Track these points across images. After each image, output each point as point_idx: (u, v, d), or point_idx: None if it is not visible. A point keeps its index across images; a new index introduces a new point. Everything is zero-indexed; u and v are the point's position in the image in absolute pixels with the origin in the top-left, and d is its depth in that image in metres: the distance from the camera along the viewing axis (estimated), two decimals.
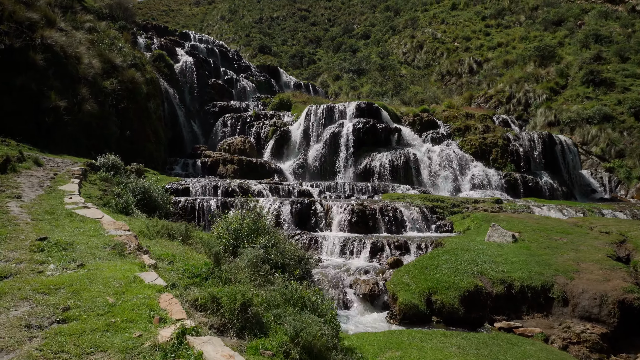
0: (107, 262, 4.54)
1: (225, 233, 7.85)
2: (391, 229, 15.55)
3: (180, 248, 6.70)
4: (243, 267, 5.42)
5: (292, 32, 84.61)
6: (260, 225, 8.14)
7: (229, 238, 7.70)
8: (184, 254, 6.06)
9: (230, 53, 42.51)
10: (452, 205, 18.22)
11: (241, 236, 7.83)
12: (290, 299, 4.67)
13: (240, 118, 30.00)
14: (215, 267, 4.98)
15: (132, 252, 5.00)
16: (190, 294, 4.15)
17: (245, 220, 8.09)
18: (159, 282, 3.90)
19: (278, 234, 8.53)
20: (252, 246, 7.55)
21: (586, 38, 45.75)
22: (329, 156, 25.85)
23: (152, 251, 5.66)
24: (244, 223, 8.01)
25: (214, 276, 4.74)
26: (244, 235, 7.85)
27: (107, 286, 3.69)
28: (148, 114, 23.33)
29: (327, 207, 16.26)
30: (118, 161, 15.86)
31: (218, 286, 4.41)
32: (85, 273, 3.94)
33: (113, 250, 4.98)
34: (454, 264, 10.17)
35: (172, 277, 4.55)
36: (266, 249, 7.47)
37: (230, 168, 23.93)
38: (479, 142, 26.25)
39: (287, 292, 4.75)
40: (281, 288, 4.84)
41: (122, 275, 3.95)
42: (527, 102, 40.68)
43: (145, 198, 13.98)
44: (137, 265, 4.50)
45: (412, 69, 55.35)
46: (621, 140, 33.25)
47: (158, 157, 23.40)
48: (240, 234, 7.83)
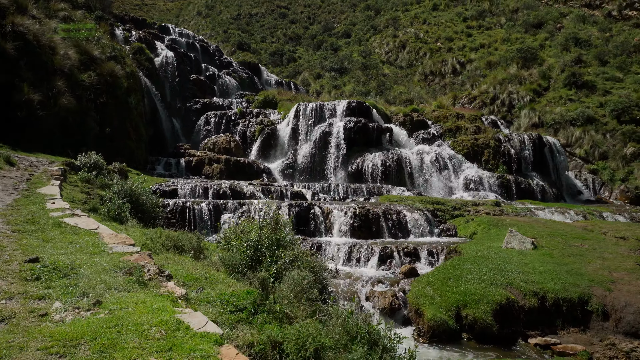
0: (127, 294, 3.50)
1: (241, 245, 6.84)
2: (395, 233, 14.77)
3: (198, 266, 5.67)
4: (288, 294, 4.46)
5: (272, 30, 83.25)
6: (281, 236, 7.15)
7: (248, 251, 6.69)
8: (208, 276, 5.06)
9: (212, 48, 41.03)
10: (453, 208, 17.62)
11: (260, 248, 6.83)
12: (357, 335, 3.77)
13: (224, 116, 28.73)
14: (261, 297, 4.03)
15: (152, 278, 3.98)
16: (241, 337, 3.20)
17: (264, 230, 7.10)
18: (210, 329, 2.90)
19: (298, 245, 7.57)
20: (275, 261, 6.58)
21: (566, 41, 46.39)
22: (319, 156, 24.94)
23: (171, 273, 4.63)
24: (262, 233, 7.01)
25: (262, 309, 3.80)
26: (263, 247, 6.86)
27: (145, 338, 2.68)
28: (129, 110, 21.87)
29: (327, 210, 15.35)
30: (100, 160, 14.53)
31: (271, 323, 3.47)
32: (108, 317, 2.92)
33: (129, 277, 3.94)
34: (479, 274, 9.44)
35: (211, 312, 3.57)
36: (291, 265, 6.52)
37: (216, 168, 22.71)
38: (470, 143, 25.86)
39: (350, 326, 3.84)
40: (341, 321, 3.93)
41: (158, 319, 2.94)
42: (511, 103, 40.82)
43: (132, 201, 12.76)
44: (167, 298, 3.49)
45: (395, 68, 55.01)
46: (604, 143, 33.61)
47: (139, 156, 21.97)
48: (259, 246, 6.83)
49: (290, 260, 6.54)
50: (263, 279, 4.30)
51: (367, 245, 12.79)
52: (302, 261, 6.94)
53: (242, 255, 6.57)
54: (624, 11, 51.10)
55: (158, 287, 3.83)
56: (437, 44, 54.28)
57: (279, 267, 6.32)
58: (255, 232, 7.03)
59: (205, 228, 14.81)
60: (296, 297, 4.39)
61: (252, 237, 6.85)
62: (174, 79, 30.90)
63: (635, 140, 32.47)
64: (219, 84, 35.73)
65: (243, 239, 7.17)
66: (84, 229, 6.26)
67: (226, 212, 15.37)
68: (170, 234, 7.27)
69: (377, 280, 10.74)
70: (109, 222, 8.07)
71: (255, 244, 6.80)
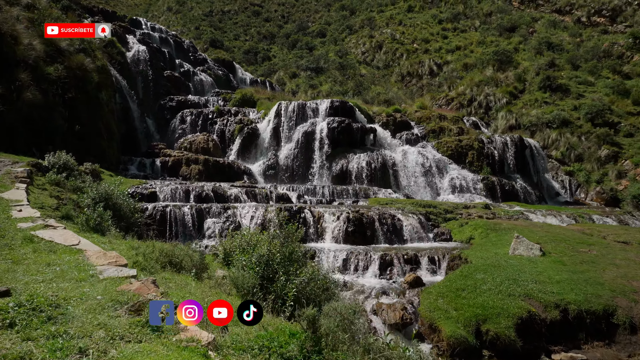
0: (139, 347, 2.56)
1: (249, 261, 5.92)
2: (391, 238, 14.09)
3: (206, 290, 4.73)
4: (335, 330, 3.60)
5: (245, 27, 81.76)
6: (294, 249, 6.28)
7: (258, 268, 5.78)
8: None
9: (185, 44, 39.48)
10: (445, 211, 17.11)
11: (272, 264, 5.93)
12: None
13: (201, 114, 27.44)
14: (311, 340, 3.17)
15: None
16: None
17: (275, 242, 6.20)
18: None
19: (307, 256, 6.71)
20: (288, 279, 5.69)
21: (540, 45, 47.24)
22: (302, 157, 24.06)
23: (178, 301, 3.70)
24: (272, 246, 6.11)
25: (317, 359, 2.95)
26: (275, 263, 5.96)
27: None
28: (99, 106, 20.37)
29: (318, 215, 14.51)
30: (71, 161, 13.22)
31: None
32: None
33: (135, 317, 2.99)
34: (494, 285, 8.83)
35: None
36: (308, 284, 5.66)
37: (194, 169, 21.49)
38: (455, 145, 25.57)
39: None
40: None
41: None
42: (488, 105, 41.08)
43: (108, 207, 11.60)
44: (194, 352, 2.58)
45: (372, 69, 54.71)
46: (579, 145, 34.13)
47: (111, 156, 20.51)
48: (270, 262, 5.92)
49: (309, 278, 5.67)
50: (311, 317, 3.41)
51: (365, 252, 12.03)
52: (317, 278, 6.09)
53: (252, 273, 5.66)
54: (593, 17, 52.52)
55: (176, 331, 2.92)
56: (413, 45, 54.32)
57: (296, 286, 5.45)
58: (264, 244, 6.11)
59: (187, 234, 13.71)
60: (343, 331, 3.56)
61: (262, 252, 5.93)
62: (147, 74, 29.35)
63: (609, 142, 33.11)
64: (194, 81, 34.31)
65: (249, 251, 6.25)
66: (63, 244, 5.20)
67: (210, 216, 14.31)
68: (164, 247, 6.26)
69: (382, 292, 10.00)
70: (89, 233, 6.98)
71: (266, 260, 5.89)
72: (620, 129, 34.11)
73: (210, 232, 13.88)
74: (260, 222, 13.99)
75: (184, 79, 32.77)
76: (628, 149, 32.38)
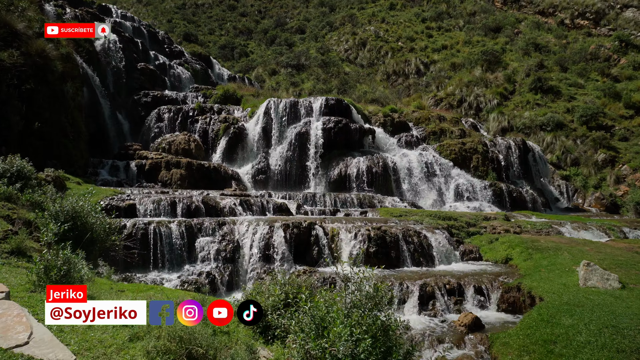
0: None
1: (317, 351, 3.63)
2: (418, 260, 12.02)
3: None
4: None
5: (220, 22, 78.66)
6: (391, 327, 4.02)
7: None
8: None
9: (160, 35, 36.40)
10: (467, 224, 15.22)
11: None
12: None
13: (180, 111, 24.70)
14: None
15: None
16: None
17: (355, 315, 3.93)
18: None
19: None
20: None
21: (527, 46, 46.51)
22: (296, 160, 21.76)
23: None
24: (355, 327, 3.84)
25: None
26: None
27: None
28: (64, 101, 17.48)
29: (331, 232, 12.29)
30: (27, 167, 10.53)
31: None
32: None
33: None
34: (591, 335, 6.85)
35: None
36: None
37: (176, 173, 18.86)
38: (458, 148, 23.84)
39: None
40: None
41: None
42: (479, 106, 39.87)
43: (75, 227, 9.10)
44: None
45: (356, 67, 52.79)
46: (575, 149, 33.21)
47: (78, 158, 17.64)
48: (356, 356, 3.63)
49: None
50: None
51: (400, 281, 9.89)
52: None
53: None
54: (576, 20, 52.35)
55: None
56: (398, 43, 52.74)
57: None
58: (342, 329, 3.80)
59: (176, 259, 11.23)
60: None
61: (344, 345, 3.61)
62: (118, 66, 26.33)
63: (605, 146, 32.28)
64: (170, 75, 31.41)
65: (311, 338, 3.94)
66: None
67: (202, 234, 11.86)
68: (186, 333, 3.86)
69: (437, 339, 7.88)
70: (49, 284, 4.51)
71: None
72: (615, 133, 33.39)
73: (204, 254, 11.44)
74: (264, 244, 11.65)
75: (159, 72, 29.84)
76: (625, 153, 31.60)
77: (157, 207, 12.64)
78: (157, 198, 12.84)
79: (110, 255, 10.13)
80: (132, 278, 10.46)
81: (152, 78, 28.62)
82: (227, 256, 11.48)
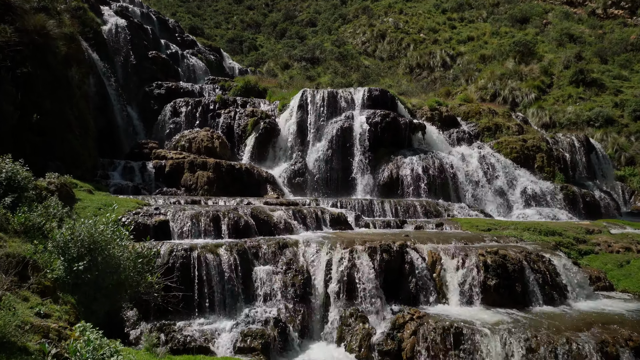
0: None
1: None
2: (550, 295, 8.92)
3: None
4: None
5: (227, 15, 75.75)
6: None
7: None
8: None
9: (171, 23, 33.29)
10: (576, 240, 12.16)
11: None
12: None
13: (199, 104, 21.58)
14: None
15: None
16: None
17: None
18: None
19: None
20: None
21: (560, 36, 43.46)
22: (339, 160, 18.68)
23: None
24: None
25: None
26: None
27: None
28: (69, 89, 14.37)
29: (431, 257, 9.19)
30: (22, 172, 7.44)
31: None
32: None
33: None
34: None
35: None
36: None
37: (202, 176, 15.75)
38: (519, 146, 20.75)
39: None
40: None
41: None
42: (514, 100, 36.73)
43: (95, 264, 6.08)
44: None
45: (375, 60, 49.65)
46: (629, 146, 30.13)
47: (85, 158, 14.52)
48: None
49: None
50: None
51: (568, 340, 6.79)
52: None
53: None
54: (609, 10, 49.27)
55: None
56: (420, 34, 49.60)
57: None
58: None
59: (229, 297, 8.13)
60: None
61: None
62: (127, 54, 23.21)
63: None
64: (184, 65, 28.29)
65: None
66: None
67: (260, 262, 8.78)
68: None
69: None
70: None
71: None
72: None
73: (265, 289, 8.34)
74: (344, 275, 8.55)
75: (172, 62, 26.73)
76: None
77: (195, 224, 9.51)
78: (195, 212, 9.70)
79: (141, 299, 7.05)
80: (171, 330, 7.37)
81: (165, 68, 25.51)
82: (297, 292, 8.41)
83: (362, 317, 8.02)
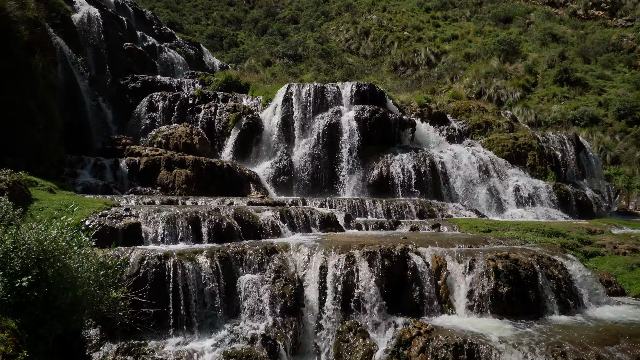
0: None
1: None
2: (566, 303, 8.15)
3: None
4: None
5: (206, 11, 74.08)
6: None
7: None
8: None
9: (148, 15, 31.82)
10: (581, 241, 11.50)
11: None
12: None
13: (177, 99, 20.34)
14: None
15: None
16: None
17: None
18: None
19: None
20: None
21: (544, 36, 43.53)
22: (326, 158, 17.73)
23: None
24: None
25: None
26: None
27: None
28: (31, 78, 13.03)
29: (435, 262, 8.32)
30: None
31: None
32: None
33: None
34: None
35: None
36: None
37: (180, 175, 14.59)
38: (511, 144, 20.18)
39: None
40: None
41: None
42: (499, 99, 36.50)
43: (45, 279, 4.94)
44: None
45: (359, 57, 48.89)
46: (614, 146, 30.12)
47: (50, 154, 13.21)
48: None
49: None
50: None
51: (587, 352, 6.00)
52: None
53: None
54: (590, 11, 49.69)
55: None
56: (404, 32, 49.07)
57: None
58: None
59: (209, 312, 7.09)
60: None
61: None
62: (100, 44, 21.77)
63: None
64: (162, 58, 26.94)
65: None
66: None
67: (245, 269, 7.75)
68: None
69: None
70: None
71: None
72: None
73: (251, 301, 7.32)
74: (341, 284, 7.61)
75: (149, 55, 25.35)
76: None
77: (171, 227, 8.42)
78: (172, 213, 8.60)
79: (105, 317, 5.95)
80: (142, 352, 6.28)
81: (141, 61, 24.12)
82: (288, 304, 7.41)
83: (362, 331, 7.09)
